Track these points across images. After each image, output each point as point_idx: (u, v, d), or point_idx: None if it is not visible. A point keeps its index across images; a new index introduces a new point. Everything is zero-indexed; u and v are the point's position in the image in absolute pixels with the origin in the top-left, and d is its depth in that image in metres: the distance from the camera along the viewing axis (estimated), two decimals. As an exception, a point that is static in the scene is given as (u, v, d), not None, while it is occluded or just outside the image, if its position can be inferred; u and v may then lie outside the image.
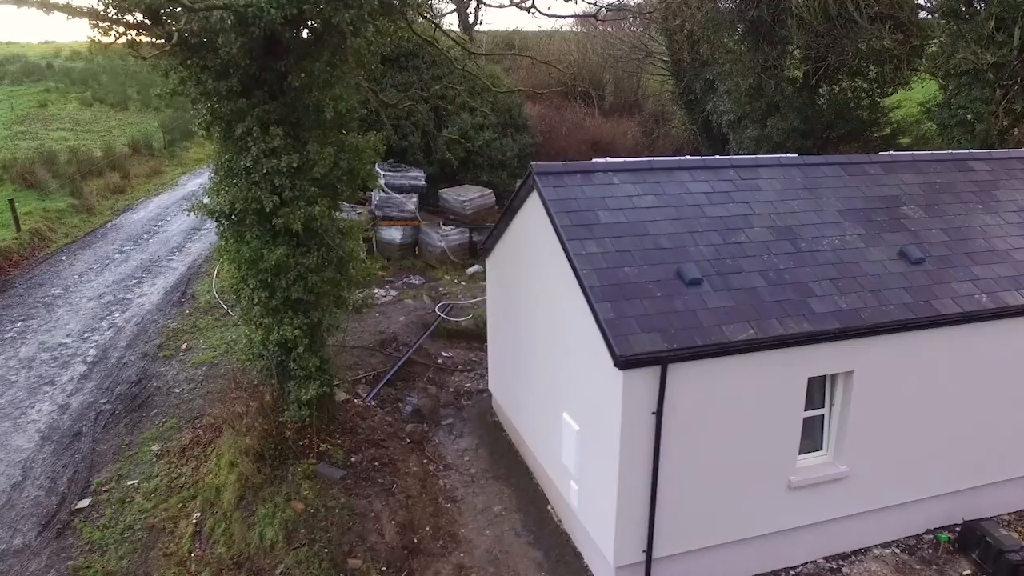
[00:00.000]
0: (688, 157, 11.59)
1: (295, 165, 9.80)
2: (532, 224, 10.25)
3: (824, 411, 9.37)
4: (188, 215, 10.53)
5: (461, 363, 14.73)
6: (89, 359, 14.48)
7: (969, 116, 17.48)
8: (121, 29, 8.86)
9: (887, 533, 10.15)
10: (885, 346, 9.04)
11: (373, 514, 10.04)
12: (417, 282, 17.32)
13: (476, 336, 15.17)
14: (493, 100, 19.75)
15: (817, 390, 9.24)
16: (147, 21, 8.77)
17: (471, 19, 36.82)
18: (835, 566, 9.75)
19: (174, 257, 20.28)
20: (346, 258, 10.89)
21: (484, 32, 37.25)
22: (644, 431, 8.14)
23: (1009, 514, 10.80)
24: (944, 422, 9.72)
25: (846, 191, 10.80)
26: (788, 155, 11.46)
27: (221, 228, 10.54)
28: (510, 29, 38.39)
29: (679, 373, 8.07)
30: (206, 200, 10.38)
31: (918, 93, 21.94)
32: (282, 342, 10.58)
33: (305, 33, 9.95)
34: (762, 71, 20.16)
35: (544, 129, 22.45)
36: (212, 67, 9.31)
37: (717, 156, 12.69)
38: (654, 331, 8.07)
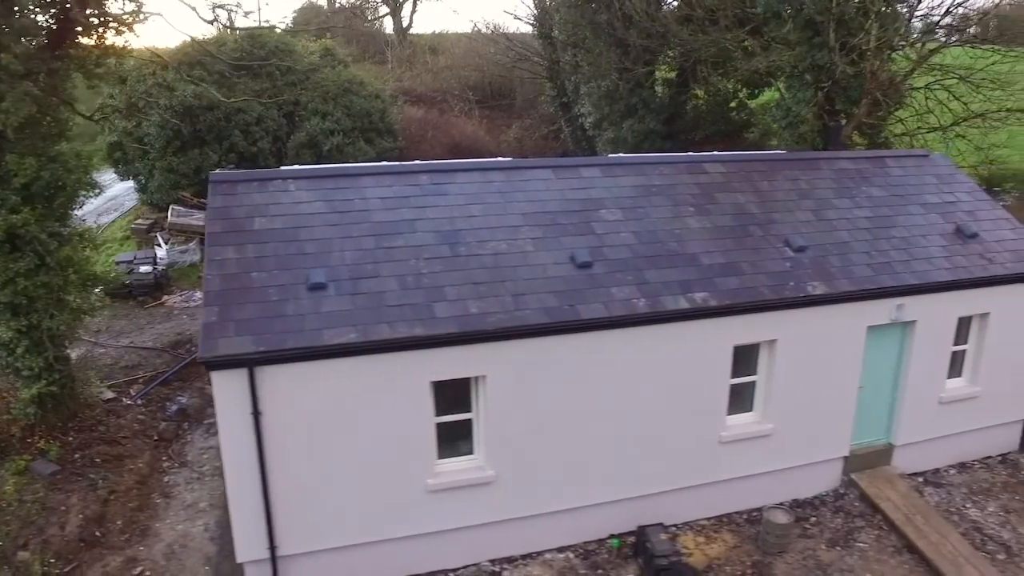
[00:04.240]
0: (387, 163, 11.76)
1: (-11, 175, 10.32)
2: (219, 230, 10.56)
3: (472, 415, 9.48)
4: None
5: (254, 364, 15.06)
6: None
7: (800, 115, 17.35)
8: None
9: (564, 537, 10.15)
10: (519, 351, 9.11)
11: (64, 508, 10.43)
12: (243, 284, 17.70)
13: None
14: (348, 104, 20.12)
15: (461, 395, 9.34)
16: None
17: (404, 23, 37.35)
18: (498, 569, 9.84)
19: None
20: (64, 264, 11.36)
21: (416, 35, 37.75)
22: (245, 430, 8.38)
23: (708, 519, 10.76)
24: (605, 428, 9.71)
25: (545, 195, 10.88)
26: (499, 159, 11.60)
27: None
28: (436, 32, 38.72)
29: (273, 375, 8.29)
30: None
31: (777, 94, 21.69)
32: (2, 343, 11.12)
33: None
34: (618, 74, 20.17)
35: (416, 133, 22.79)
36: None
37: (457, 160, 12.78)
38: (250, 334, 8.30)
